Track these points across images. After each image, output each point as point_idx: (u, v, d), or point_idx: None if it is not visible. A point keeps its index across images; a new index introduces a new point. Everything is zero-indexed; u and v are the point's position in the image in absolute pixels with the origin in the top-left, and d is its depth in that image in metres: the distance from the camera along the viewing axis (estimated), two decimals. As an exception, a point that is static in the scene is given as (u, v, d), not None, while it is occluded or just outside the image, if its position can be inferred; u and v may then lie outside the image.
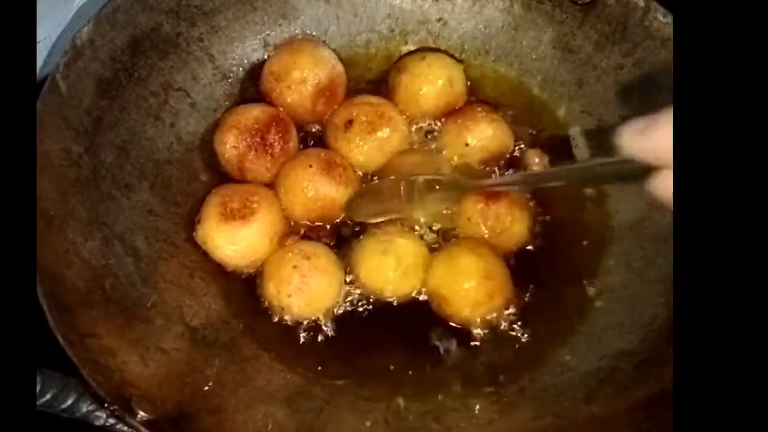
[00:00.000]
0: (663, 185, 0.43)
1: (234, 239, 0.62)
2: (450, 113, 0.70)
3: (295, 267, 0.61)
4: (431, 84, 0.69)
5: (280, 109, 0.68)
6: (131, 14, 0.64)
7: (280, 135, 0.66)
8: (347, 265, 0.64)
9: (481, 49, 0.74)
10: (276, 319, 0.62)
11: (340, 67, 0.70)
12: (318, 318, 0.62)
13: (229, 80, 0.71)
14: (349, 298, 0.63)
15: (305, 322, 0.62)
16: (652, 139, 0.41)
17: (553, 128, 0.71)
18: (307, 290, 0.61)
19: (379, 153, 0.67)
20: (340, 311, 0.63)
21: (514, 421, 0.58)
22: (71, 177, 0.59)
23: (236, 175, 0.67)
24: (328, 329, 0.62)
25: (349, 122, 0.67)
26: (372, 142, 0.67)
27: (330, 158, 0.66)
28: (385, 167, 0.68)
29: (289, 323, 0.62)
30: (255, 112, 0.67)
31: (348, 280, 0.64)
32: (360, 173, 0.68)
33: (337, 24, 0.74)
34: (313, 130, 0.71)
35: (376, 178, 0.68)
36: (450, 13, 0.74)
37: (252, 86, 0.72)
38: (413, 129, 0.71)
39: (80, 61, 0.61)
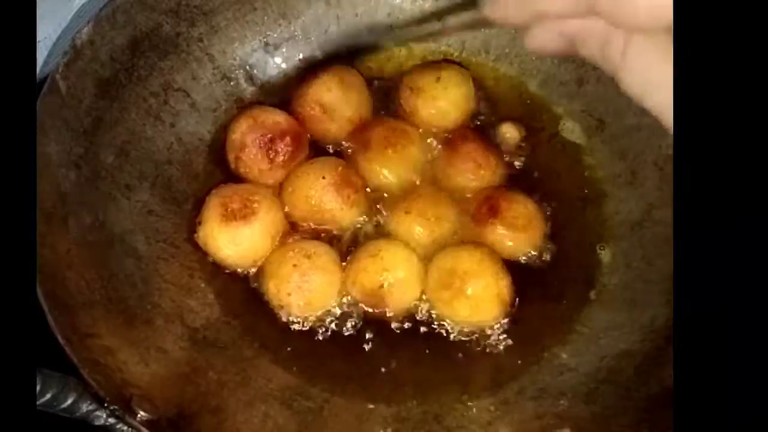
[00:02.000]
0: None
1: (236, 240, 0.62)
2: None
3: (295, 266, 0.61)
4: (449, 104, 0.69)
5: (305, 128, 0.68)
6: (131, 14, 0.64)
7: (290, 149, 0.66)
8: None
9: (481, 49, 0.74)
10: (276, 319, 0.62)
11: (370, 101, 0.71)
12: (318, 317, 0.62)
13: (230, 80, 0.71)
14: (349, 298, 0.63)
15: (305, 323, 0.62)
16: None
17: (552, 128, 0.71)
18: (307, 289, 0.61)
19: (402, 165, 0.67)
20: (341, 310, 0.63)
21: (514, 421, 0.58)
22: (71, 177, 0.59)
23: (230, 162, 0.67)
24: (328, 329, 0.62)
25: (367, 142, 0.67)
26: (393, 156, 0.67)
27: (346, 176, 0.65)
28: None
29: (289, 323, 0.62)
30: (279, 117, 0.67)
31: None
32: (384, 194, 0.67)
33: (337, 24, 0.74)
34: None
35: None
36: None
37: (252, 86, 0.72)
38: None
39: (80, 61, 0.61)
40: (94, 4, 0.68)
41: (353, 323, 0.62)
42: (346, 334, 0.62)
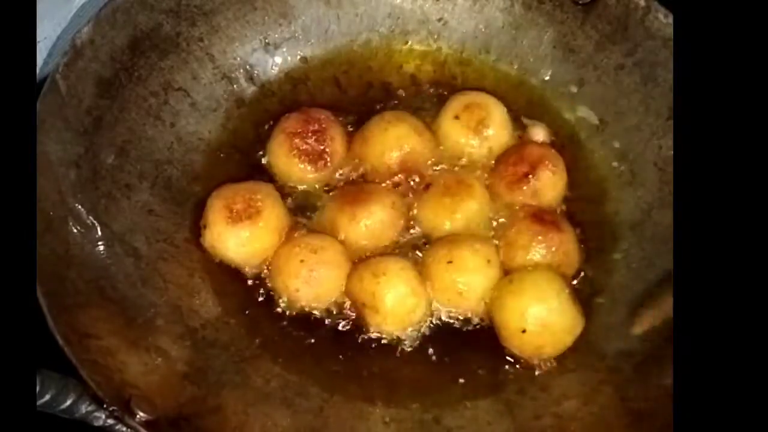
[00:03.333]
0: None
1: (244, 240, 0.62)
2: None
3: (302, 261, 0.61)
4: None
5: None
6: (131, 14, 0.64)
7: (328, 156, 0.67)
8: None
9: (481, 49, 0.74)
10: (276, 319, 0.62)
11: None
12: (318, 317, 0.62)
13: (230, 80, 0.71)
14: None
15: (303, 324, 0.62)
16: None
17: (553, 128, 0.71)
18: (315, 284, 0.61)
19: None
20: (341, 310, 0.63)
21: (514, 421, 0.58)
22: (71, 177, 0.59)
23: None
24: (328, 330, 0.62)
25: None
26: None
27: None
28: None
29: (288, 323, 0.62)
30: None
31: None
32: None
33: (337, 23, 0.74)
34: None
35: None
36: (450, 12, 0.74)
37: (252, 86, 0.72)
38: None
39: (80, 61, 0.61)
40: (94, 4, 0.68)
41: (353, 323, 0.62)
42: (346, 334, 0.62)
